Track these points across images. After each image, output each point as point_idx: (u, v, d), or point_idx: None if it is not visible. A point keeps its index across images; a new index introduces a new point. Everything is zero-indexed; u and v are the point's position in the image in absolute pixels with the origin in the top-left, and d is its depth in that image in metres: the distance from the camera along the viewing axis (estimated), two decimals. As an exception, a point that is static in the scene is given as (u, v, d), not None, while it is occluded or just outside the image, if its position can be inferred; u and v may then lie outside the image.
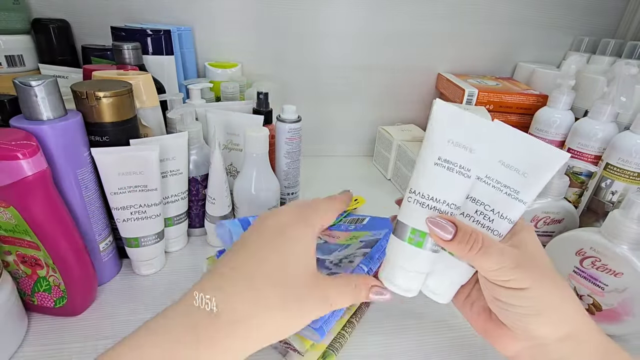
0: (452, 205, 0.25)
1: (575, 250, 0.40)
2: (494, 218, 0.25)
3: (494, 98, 0.62)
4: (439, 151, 0.25)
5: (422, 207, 0.25)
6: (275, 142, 0.54)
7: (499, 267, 0.24)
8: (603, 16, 0.75)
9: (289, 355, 0.33)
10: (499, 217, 0.25)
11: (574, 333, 0.24)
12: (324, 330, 0.31)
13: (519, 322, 0.25)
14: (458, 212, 0.26)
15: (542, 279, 0.24)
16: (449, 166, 0.24)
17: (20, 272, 0.35)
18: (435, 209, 0.25)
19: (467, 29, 0.73)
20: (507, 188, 0.25)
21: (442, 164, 0.24)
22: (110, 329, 0.36)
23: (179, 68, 0.61)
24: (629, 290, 0.36)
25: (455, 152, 0.24)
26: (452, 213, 0.25)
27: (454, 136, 0.24)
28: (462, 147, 0.24)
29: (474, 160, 0.25)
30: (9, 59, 0.53)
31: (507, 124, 0.25)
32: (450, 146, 0.24)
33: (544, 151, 0.25)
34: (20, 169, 0.30)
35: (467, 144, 0.24)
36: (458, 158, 0.24)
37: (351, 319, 0.37)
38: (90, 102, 0.36)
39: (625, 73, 0.47)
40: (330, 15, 0.68)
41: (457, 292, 0.29)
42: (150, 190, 0.39)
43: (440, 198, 0.25)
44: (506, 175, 0.25)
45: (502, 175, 0.25)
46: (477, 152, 0.24)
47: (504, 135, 0.25)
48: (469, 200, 0.26)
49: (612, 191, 0.48)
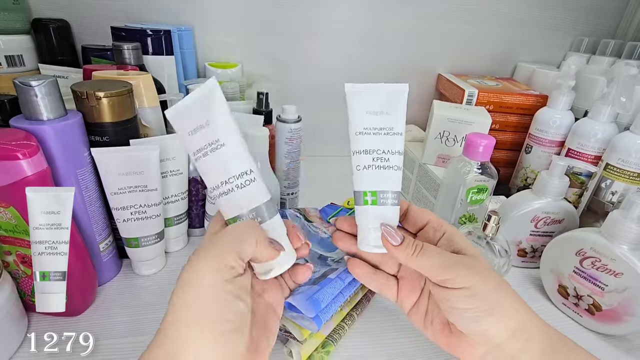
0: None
1: (575, 250, 0.40)
2: (388, 157, 0.29)
3: (494, 98, 0.62)
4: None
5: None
6: (275, 142, 0.54)
7: (439, 265, 0.26)
8: (603, 16, 0.75)
9: (289, 343, 0.34)
10: (392, 154, 0.29)
11: (522, 327, 0.26)
12: (320, 320, 0.32)
13: (474, 326, 0.26)
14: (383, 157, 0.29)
15: (484, 278, 0.26)
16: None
17: (20, 272, 0.35)
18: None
19: (467, 29, 0.73)
20: (383, 129, 0.29)
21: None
22: (110, 329, 0.36)
23: (179, 68, 0.61)
24: (629, 290, 0.36)
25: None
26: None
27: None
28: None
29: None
30: (9, 59, 0.53)
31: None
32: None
33: (390, 89, 0.30)
34: (20, 169, 0.30)
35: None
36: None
37: (351, 312, 0.37)
38: (90, 102, 0.36)
39: (625, 73, 0.47)
40: (330, 15, 0.68)
41: (416, 313, 0.31)
42: (150, 191, 0.39)
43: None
44: (376, 120, 0.29)
45: (373, 122, 0.29)
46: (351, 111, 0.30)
47: (364, 92, 0.30)
48: (363, 154, 0.29)
49: (612, 191, 0.48)
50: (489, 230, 0.40)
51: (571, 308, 0.42)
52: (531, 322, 0.26)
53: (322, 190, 0.63)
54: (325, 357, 0.33)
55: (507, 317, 0.25)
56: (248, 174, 0.27)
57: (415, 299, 0.31)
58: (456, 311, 0.26)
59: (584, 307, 0.41)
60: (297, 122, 0.52)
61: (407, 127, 0.73)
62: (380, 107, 0.29)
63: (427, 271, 0.27)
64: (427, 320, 0.30)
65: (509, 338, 0.25)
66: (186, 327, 0.21)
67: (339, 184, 0.68)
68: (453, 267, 0.26)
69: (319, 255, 0.42)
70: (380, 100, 0.29)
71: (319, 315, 0.32)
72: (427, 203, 0.57)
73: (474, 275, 0.25)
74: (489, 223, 0.39)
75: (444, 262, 0.26)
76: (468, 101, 0.62)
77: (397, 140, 0.29)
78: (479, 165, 0.44)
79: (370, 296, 0.40)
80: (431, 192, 0.56)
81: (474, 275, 0.26)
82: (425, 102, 0.78)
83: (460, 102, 0.63)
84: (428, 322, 0.30)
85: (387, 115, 0.29)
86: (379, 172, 0.29)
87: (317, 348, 0.33)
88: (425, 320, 0.30)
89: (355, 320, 0.38)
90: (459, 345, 0.28)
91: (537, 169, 0.59)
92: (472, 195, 0.45)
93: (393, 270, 0.32)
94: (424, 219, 0.31)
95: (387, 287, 0.32)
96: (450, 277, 0.25)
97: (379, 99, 0.29)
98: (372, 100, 0.29)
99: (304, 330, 0.32)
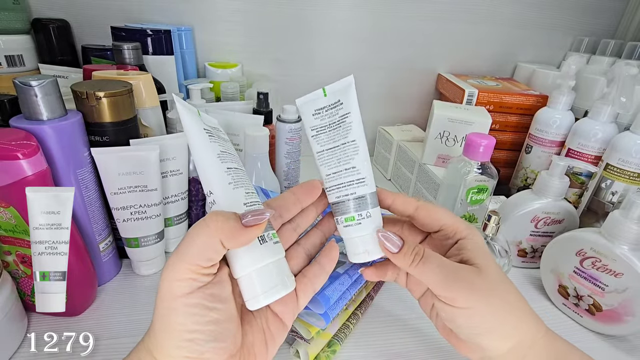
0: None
1: (575, 250, 0.40)
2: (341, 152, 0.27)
3: (494, 98, 0.62)
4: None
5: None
6: (276, 142, 0.54)
7: (439, 280, 0.24)
8: (603, 16, 0.75)
9: (295, 343, 0.34)
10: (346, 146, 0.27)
11: (520, 345, 0.25)
12: (329, 316, 0.32)
13: (471, 339, 0.25)
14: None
15: (487, 297, 0.24)
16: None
17: (20, 272, 0.35)
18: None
19: (468, 29, 0.73)
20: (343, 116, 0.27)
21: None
22: (110, 329, 0.36)
23: (179, 68, 0.61)
24: (629, 290, 0.36)
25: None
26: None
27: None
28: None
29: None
30: (9, 59, 0.53)
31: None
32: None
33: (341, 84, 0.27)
34: (20, 169, 0.30)
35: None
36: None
37: (356, 311, 0.37)
38: (90, 102, 0.36)
39: (625, 73, 0.47)
40: (330, 15, 0.68)
41: (424, 303, 0.30)
42: (150, 191, 0.39)
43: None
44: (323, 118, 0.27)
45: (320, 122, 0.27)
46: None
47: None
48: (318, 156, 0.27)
49: (612, 192, 0.48)
50: (489, 230, 0.40)
51: (571, 308, 0.42)
52: (533, 340, 0.25)
53: (322, 190, 0.63)
54: (331, 356, 0.33)
55: (506, 337, 0.25)
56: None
57: (424, 290, 0.30)
58: (454, 324, 0.26)
59: (584, 307, 0.41)
60: (297, 122, 0.52)
61: (407, 127, 0.74)
62: (324, 104, 0.27)
63: (427, 283, 0.26)
64: (433, 313, 0.29)
65: (505, 353, 0.25)
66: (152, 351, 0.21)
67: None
68: (453, 285, 0.24)
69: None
70: (324, 101, 0.27)
71: (327, 312, 0.32)
72: (427, 203, 0.57)
73: (475, 295, 0.24)
74: (489, 223, 0.39)
75: (445, 278, 0.24)
76: (468, 101, 0.62)
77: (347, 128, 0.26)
78: (479, 165, 0.44)
79: (374, 295, 0.41)
80: (431, 192, 0.56)
81: (475, 295, 0.24)
82: (425, 102, 0.78)
83: (460, 102, 0.63)
84: (434, 314, 0.29)
85: (333, 109, 0.27)
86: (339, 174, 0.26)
87: (323, 348, 0.33)
88: (432, 313, 0.29)
89: (360, 319, 0.38)
90: (458, 345, 0.28)
91: (537, 169, 0.59)
92: (472, 195, 0.45)
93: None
94: (437, 222, 0.28)
95: (400, 275, 0.30)
96: (450, 296, 0.24)
97: (322, 100, 0.27)
98: (315, 102, 0.27)
99: (311, 328, 0.32)
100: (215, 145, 0.24)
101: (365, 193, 0.26)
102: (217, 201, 0.23)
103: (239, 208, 0.22)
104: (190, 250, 0.20)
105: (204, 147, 0.23)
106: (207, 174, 0.23)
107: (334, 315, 0.32)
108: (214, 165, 0.23)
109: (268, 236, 0.23)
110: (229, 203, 0.23)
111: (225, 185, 0.23)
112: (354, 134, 0.26)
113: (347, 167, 0.26)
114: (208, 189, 0.23)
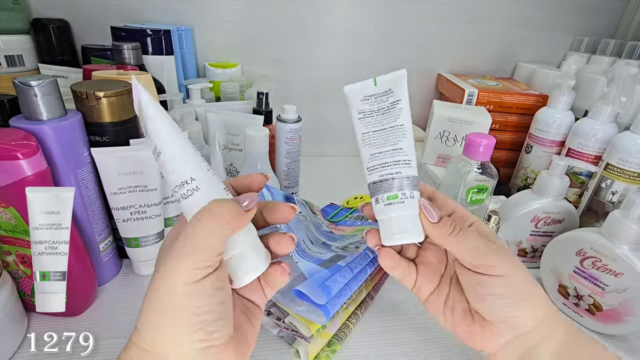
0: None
1: (575, 250, 0.40)
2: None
3: (494, 98, 0.62)
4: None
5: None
6: (275, 142, 0.54)
7: (478, 248, 0.25)
8: (603, 16, 0.75)
9: (296, 342, 0.34)
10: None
11: (548, 316, 0.26)
12: (329, 310, 0.31)
13: (505, 312, 0.26)
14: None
15: (515, 265, 0.26)
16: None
17: (20, 272, 0.35)
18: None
19: (467, 29, 0.73)
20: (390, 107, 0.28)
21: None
22: (110, 329, 0.36)
23: (179, 68, 0.61)
24: (630, 290, 0.36)
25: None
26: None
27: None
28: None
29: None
30: (8, 59, 0.53)
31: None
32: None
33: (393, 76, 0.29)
34: (20, 169, 0.30)
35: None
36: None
37: (356, 311, 0.38)
38: (90, 102, 0.36)
39: (625, 73, 0.47)
40: (330, 15, 0.68)
41: (435, 300, 0.29)
42: (150, 190, 0.39)
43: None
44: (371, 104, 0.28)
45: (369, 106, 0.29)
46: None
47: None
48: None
49: (613, 191, 0.48)
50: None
51: (571, 308, 0.42)
52: (556, 313, 0.26)
53: (322, 190, 0.63)
54: (331, 355, 0.33)
55: (538, 305, 0.26)
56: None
57: (435, 285, 0.29)
58: (489, 297, 0.26)
59: (585, 307, 0.41)
60: (297, 122, 0.52)
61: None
62: (374, 92, 0.29)
63: (465, 254, 0.26)
64: (447, 308, 0.29)
65: (534, 327, 0.25)
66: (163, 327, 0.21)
67: (339, 184, 0.68)
68: (492, 253, 0.25)
69: (322, 241, 0.42)
70: (373, 89, 0.29)
71: (327, 306, 0.31)
72: (427, 203, 0.57)
73: (508, 263, 0.25)
74: (489, 223, 0.39)
75: (484, 247, 0.26)
76: (468, 101, 0.62)
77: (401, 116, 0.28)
78: (479, 165, 0.44)
79: (374, 294, 0.41)
80: (431, 192, 0.55)
81: (510, 262, 0.25)
82: (425, 102, 0.78)
83: (460, 102, 0.63)
84: (448, 310, 0.29)
85: (384, 96, 0.28)
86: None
87: (323, 347, 0.33)
88: (445, 308, 0.29)
89: (360, 318, 0.38)
90: (481, 334, 0.27)
91: (537, 169, 0.59)
92: (473, 195, 0.45)
93: (412, 254, 0.31)
94: (450, 207, 0.29)
95: (409, 273, 0.30)
96: (491, 263, 0.25)
97: (371, 89, 0.29)
98: (365, 89, 0.29)
99: (312, 325, 0.32)
100: (182, 131, 0.24)
101: (411, 174, 0.27)
102: (200, 187, 0.23)
103: (220, 193, 0.23)
104: (205, 238, 0.21)
105: (177, 132, 0.23)
106: (187, 161, 0.23)
107: (335, 311, 0.32)
108: (192, 152, 0.23)
109: None
110: (212, 189, 0.23)
111: (206, 172, 0.23)
112: (403, 119, 0.27)
113: (394, 148, 0.27)
114: (188, 175, 0.22)
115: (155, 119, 0.22)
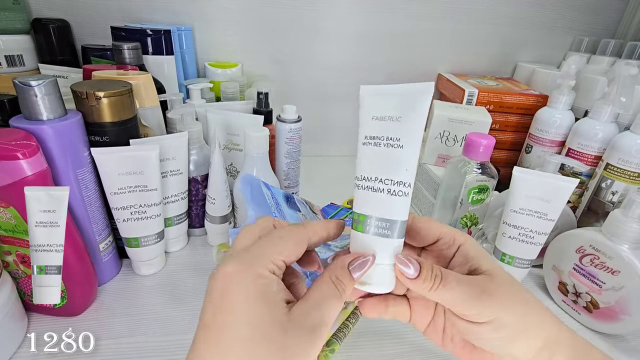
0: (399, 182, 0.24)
1: (575, 247, 0.40)
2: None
3: (494, 98, 0.62)
4: (365, 130, 0.25)
5: (372, 191, 0.25)
6: (276, 142, 0.54)
7: (461, 299, 0.24)
8: (603, 16, 0.75)
9: None
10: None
11: (547, 344, 0.25)
12: None
13: (500, 350, 0.25)
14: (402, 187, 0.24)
15: (509, 304, 0.24)
16: (375, 142, 0.25)
17: (20, 272, 0.35)
18: (380, 189, 0.24)
19: (467, 29, 0.73)
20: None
21: (369, 142, 0.25)
22: (110, 329, 0.36)
23: (179, 68, 0.61)
24: (626, 289, 0.36)
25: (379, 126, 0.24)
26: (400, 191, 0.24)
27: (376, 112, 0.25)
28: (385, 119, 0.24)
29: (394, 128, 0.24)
30: (9, 59, 0.53)
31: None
32: (374, 122, 0.24)
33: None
34: (20, 169, 0.30)
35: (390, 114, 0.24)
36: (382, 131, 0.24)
37: (355, 310, 0.37)
38: (90, 102, 0.36)
39: (625, 73, 0.47)
40: (330, 15, 0.68)
41: (433, 332, 0.28)
42: (150, 190, 0.39)
43: (379, 176, 0.24)
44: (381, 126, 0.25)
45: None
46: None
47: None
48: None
49: (613, 191, 0.48)
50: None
51: (570, 305, 0.42)
52: (557, 336, 0.25)
53: (322, 190, 0.63)
54: (329, 355, 0.33)
55: (534, 338, 0.24)
56: (405, 186, 0.24)
57: (430, 317, 0.29)
58: (482, 340, 0.25)
59: (582, 304, 0.41)
60: (297, 122, 0.52)
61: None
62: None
63: (448, 305, 0.25)
64: (446, 338, 0.28)
65: (535, 356, 0.24)
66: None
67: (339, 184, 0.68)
68: (476, 300, 0.23)
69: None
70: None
71: None
72: (427, 203, 0.57)
73: (498, 305, 0.24)
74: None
75: (467, 295, 0.24)
76: (468, 101, 0.62)
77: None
78: (479, 165, 0.44)
79: (372, 295, 0.41)
80: (431, 192, 0.56)
81: (498, 304, 0.24)
82: (425, 102, 0.77)
83: (460, 102, 0.63)
84: (447, 340, 0.28)
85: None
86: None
87: (322, 347, 0.33)
88: (444, 339, 0.28)
89: (359, 318, 0.38)
90: (484, 358, 0.26)
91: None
92: (474, 195, 0.45)
93: (402, 290, 0.29)
94: (434, 233, 0.27)
95: (401, 312, 0.29)
96: (475, 312, 0.24)
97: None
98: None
99: None
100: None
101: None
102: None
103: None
104: (282, 252, 0.22)
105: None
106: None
107: None
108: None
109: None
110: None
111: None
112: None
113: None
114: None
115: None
